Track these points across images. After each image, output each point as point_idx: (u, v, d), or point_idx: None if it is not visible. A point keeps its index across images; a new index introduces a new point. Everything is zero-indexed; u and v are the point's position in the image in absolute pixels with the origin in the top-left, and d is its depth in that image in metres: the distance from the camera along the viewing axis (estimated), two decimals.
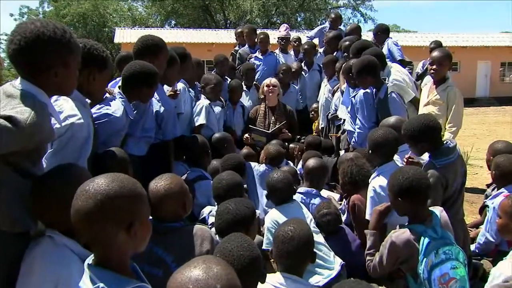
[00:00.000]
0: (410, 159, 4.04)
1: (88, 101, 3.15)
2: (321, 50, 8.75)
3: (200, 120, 5.70)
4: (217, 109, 6.15)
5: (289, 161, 5.99)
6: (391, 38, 8.09)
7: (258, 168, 5.21)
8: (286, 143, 6.53)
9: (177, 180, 2.92)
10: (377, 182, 3.85)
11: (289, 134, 6.73)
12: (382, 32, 8.17)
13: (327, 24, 9.34)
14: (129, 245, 1.77)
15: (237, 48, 8.94)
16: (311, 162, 4.53)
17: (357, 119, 5.59)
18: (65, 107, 2.74)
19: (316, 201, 4.34)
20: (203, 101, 5.85)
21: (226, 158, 4.61)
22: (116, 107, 3.51)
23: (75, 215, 1.73)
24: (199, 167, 4.68)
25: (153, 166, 3.82)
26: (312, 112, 7.83)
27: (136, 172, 3.31)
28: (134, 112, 3.88)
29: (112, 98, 3.59)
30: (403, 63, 7.50)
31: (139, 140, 4.06)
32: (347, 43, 6.96)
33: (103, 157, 3.11)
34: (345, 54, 6.93)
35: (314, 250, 2.84)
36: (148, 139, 4.15)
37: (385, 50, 7.65)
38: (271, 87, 6.93)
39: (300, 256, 2.77)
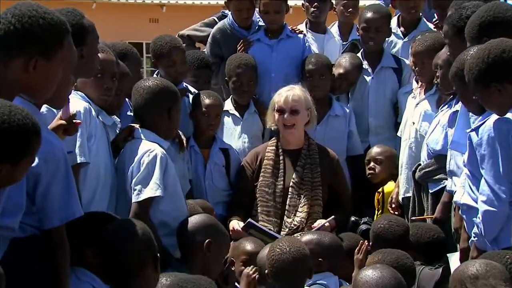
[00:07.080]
0: None
1: None
2: (393, 23, 4.51)
3: (149, 191, 2.80)
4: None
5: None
6: None
7: None
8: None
9: None
10: None
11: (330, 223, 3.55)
12: None
13: None
14: None
15: (225, 11, 4.66)
16: (369, 275, 2.34)
17: (483, 179, 2.61)
18: None
19: None
20: (153, 147, 2.91)
21: None
22: None
23: None
24: None
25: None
26: (372, 164, 3.93)
27: None
28: None
29: None
30: None
31: None
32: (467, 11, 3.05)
33: None
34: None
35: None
36: (4, 231, 1.89)
37: None
38: (288, 112, 3.58)
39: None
